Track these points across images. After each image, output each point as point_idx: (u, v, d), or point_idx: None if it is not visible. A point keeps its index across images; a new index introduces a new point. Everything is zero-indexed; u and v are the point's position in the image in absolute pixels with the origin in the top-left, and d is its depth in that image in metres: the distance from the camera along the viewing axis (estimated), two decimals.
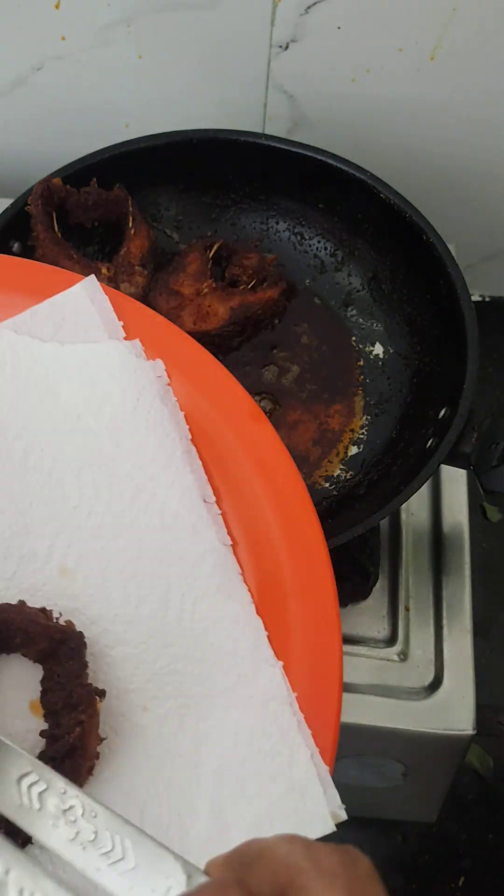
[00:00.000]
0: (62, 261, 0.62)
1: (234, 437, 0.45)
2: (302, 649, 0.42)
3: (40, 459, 0.44)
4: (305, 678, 0.42)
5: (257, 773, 0.40)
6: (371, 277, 0.68)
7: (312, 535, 0.43)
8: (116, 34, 0.71)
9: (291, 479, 0.44)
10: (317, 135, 0.78)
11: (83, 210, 0.64)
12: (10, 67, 0.75)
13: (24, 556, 0.43)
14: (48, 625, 0.40)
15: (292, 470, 0.44)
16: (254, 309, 0.65)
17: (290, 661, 0.42)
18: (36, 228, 0.61)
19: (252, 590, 0.43)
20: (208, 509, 0.43)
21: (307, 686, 0.41)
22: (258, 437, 0.45)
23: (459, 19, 0.68)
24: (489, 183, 0.84)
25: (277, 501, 0.44)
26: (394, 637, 0.63)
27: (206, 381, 0.46)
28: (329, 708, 0.41)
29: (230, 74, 0.74)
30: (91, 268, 0.63)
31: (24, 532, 0.43)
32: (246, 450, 0.45)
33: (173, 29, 0.70)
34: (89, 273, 0.62)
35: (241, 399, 0.45)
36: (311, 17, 0.68)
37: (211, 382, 0.46)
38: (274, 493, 0.44)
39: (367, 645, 0.62)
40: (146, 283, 0.64)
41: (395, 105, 0.76)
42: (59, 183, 0.62)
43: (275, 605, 0.42)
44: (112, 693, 0.41)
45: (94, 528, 0.43)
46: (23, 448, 0.44)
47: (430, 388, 0.63)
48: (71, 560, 0.43)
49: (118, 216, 0.65)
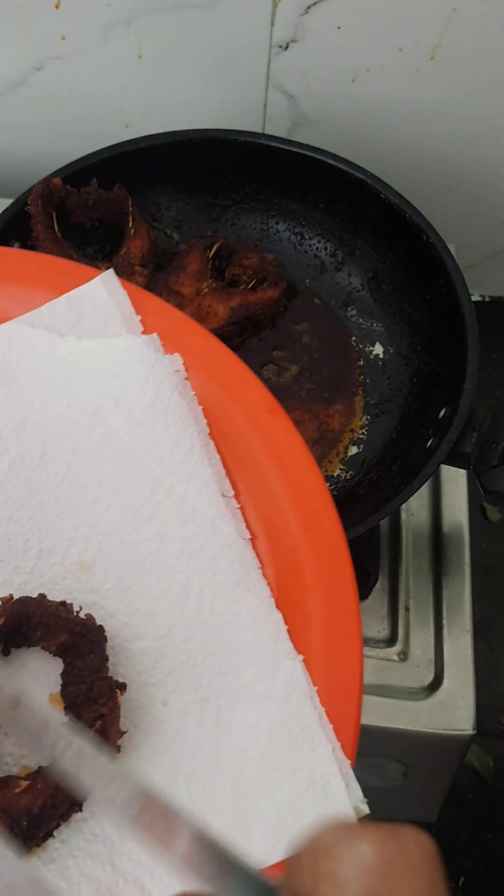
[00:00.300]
0: None
1: (251, 430, 0.45)
2: (322, 643, 0.42)
3: (59, 453, 0.44)
4: (326, 672, 0.41)
5: (278, 767, 0.40)
6: (371, 277, 0.69)
7: (331, 529, 0.43)
8: (116, 34, 0.71)
9: (309, 472, 0.44)
10: (317, 135, 0.78)
11: (83, 210, 0.64)
12: (10, 67, 0.75)
13: (43, 550, 0.43)
14: (68, 618, 0.40)
15: (310, 463, 0.44)
16: (254, 309, 0.65)
17: (311, 655, 0.42)
18: (36, 228, 0.61)
19: (271, 584, 0.43)
20: (227, 503, 0.43)
21: (328, 680, 0.41)
22: (276, 430, 0.45)
23: (459, 19, 0.68)
24: (489, 183, 0.84)
25: (296, 494, 0.44)
26: (394, 637, 0.63)
27: (224, 375, 0.46)
28: (350, 701, 0.41)
29: (230, 74, 0.74)
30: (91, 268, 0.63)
31: (44, 526, 0.43)
32: (264, 443, 0.45)
33: (173, 29, 0.70)
34: None
35: (258, 392, 0.45)
36: (311, 17, 0.68)
37: (228, 376, 0.46)
38: (292, 486, 0.44)
39: (367, 645, 0.62)
40: (146, 282, 0.64)
41: (395, 105, 0.76)
42: (59, 183, 0.62)
43: (294, 598, 0.42)
44: (132, 687, 0.41)
45: (113, 522, 0.43)
46: (41, 442, 0.44)
47: (430, 388, 0.63)
48: (90, 554, 0.43)
49: (118, 216, 0.65)
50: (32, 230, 0.61)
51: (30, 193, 0.61)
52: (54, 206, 0.63)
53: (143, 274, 0.64)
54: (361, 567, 0.63)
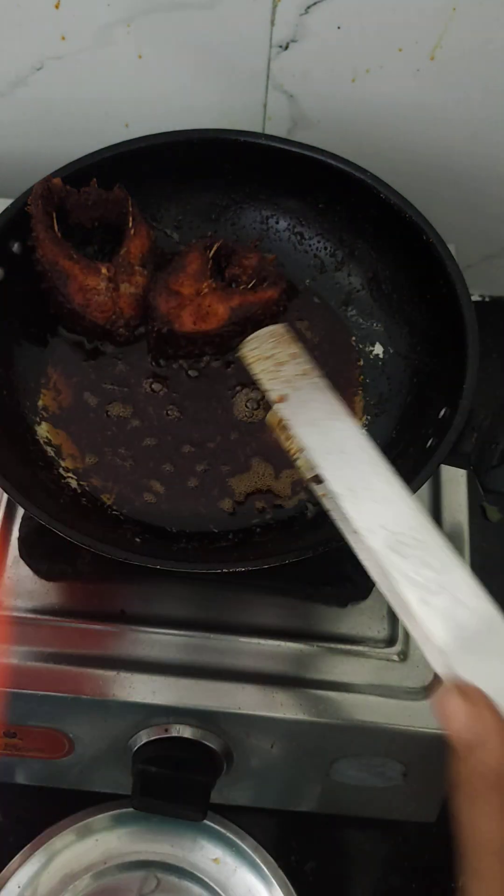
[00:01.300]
0: (62, 261, 0.62)
1: None
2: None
3: None
4: None
5: None
6: (371, 277, 0.68)
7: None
8: (116, 34, 0.71)
9: None
10: (317, 135, 0.78)
11: (83, 210, 0.64)
12: (10, 67, 0.75)
13: None
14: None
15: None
16: (254, 309, 0.65)
17: None
18: (36, 229, 0.61)
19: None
20: None
21: None
22: None
23: (459, 19, 0.68)
24: (489, 183, 0.84)
25: None
26: (394, 637, 0.63)
27: None
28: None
29: (230, 74, 0.74)
30: (91, 268, 0.63)
31: None
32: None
33: (173, 29, 0.70)
34: (89, 273, 0.62)
35: None
36: (311, 17, 0.68)
37: None
38: None
39: (367, 645, 0.62)
40: (146, 282, 0.64)
41: (395, 105, 0.76)
42: (59, 183, 0.62)
43: None
44: None
45: None
46: None
47: (430, 388, 0.63)
48: None
49: (118, 216, 0.65)
50: (32, 230, 0.61)
51: (30, 193, 0.61)
52: (54, 206, 0.63)
53: (142, 274, 0.64)
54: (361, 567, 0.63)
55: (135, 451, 0.63)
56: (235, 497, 0.62)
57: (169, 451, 0.63)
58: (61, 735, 0.63)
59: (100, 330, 0.65)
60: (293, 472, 0.62)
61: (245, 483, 0.62)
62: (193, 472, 0.62)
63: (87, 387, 0.65)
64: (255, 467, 0.63)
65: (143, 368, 0.66)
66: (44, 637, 0.61)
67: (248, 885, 0.67)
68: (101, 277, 0.63)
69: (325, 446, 0.46)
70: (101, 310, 0.63)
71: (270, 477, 0.62)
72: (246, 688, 0.59)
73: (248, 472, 0.63)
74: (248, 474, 0.63)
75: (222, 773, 0.63)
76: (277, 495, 0.62)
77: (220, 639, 0.61)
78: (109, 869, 0.68)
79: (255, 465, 0.63)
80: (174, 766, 0.60)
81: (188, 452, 0.63)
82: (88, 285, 0.63)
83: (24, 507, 0.54)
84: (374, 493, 0.43)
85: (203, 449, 0.63)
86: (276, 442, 0.63)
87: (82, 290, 0.63)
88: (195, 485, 0.62)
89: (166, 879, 0.68)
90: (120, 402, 0.64)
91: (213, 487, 0.62)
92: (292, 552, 0.53)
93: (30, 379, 0.65)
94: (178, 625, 0.62)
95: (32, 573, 0.63)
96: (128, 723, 0.61)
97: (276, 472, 0.63)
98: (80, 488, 0.61)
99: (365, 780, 0.67)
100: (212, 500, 0.61)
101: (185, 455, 0.63)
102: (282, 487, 0.62)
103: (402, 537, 0.40)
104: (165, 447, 0.63)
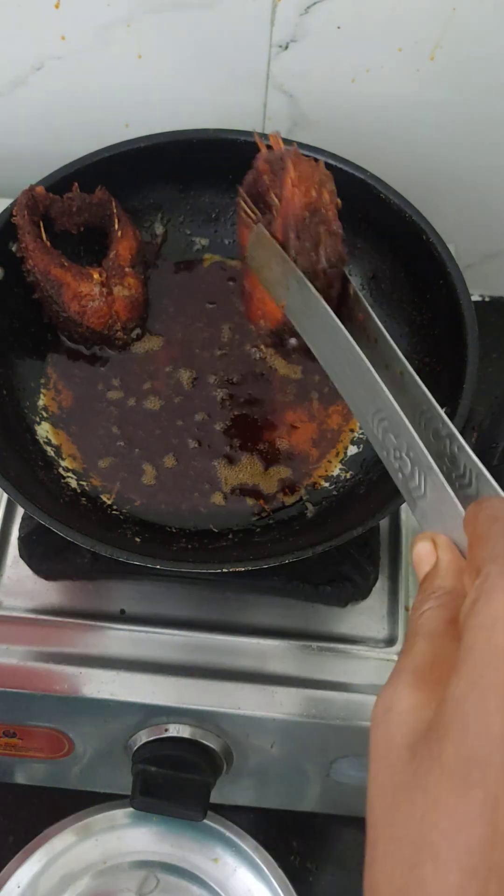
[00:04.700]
0: (54, 269, 0.61)
1: None
2: None
3: None
4: None
5: None
6: (371, 277, 0.68)
7: None
8: (116, 34, 0.71)
9: None
10: (317, 135, 0.78)
11: (67, 217, 0.63)
12: (10, 67, 0.75)
13: None
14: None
15: None
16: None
17: None
18: (24, 239, 0.61)
19: None
20: None
21: None
22: None
23: (459, 19, 0.68)
24: (489, 183, 0.84)
25: None
26: (394, 637, 0.63)
27: None
28: None
29: (230, 74, 0.74)
30: (83, 274, 0.62)
31: None
32: None
33: (173, 29, 0.70)
34: (82, 280, 0.62)
35: None
36: (311, 17, 0.68)
37: None
38: None
39: (367, 645, 0.62)
40: (138, 283, 0.64)
41: (395, 105, 0.76)
42: (43, 191, 0.62)
43: None
44: None
45: None
46: None
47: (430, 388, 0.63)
48: None
49: (102, 219, 0.65)
50: (21, 241, 0.61)
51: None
52: (40, 215, 0.62)
53: (134, 275, 0.64)
54: (361, 567, 0.63)
55: (134, 450, 0.63)
56: (223, 489, 0.62)
57: (169, 451, 0.63)
58: (61, 735, 0.63)
59: (98, 336, 0.65)
60: (280, 469, 0.62)
61: (234, 476, 0.62)
62: (194, 471, 0.62)
63: (86, 387, 0.65)
64: (244, 461, 0.63)
65: (142, 370, 0.66)
66: (44, 637, 0.61)
67: (248, 885, 0.67)
68: (94, 283, 0.62)
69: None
70: (97, 315, 0.63)
71: (260, 474, 0.63)
72: (245, 688, 0.59)
73: (238, 465, 0.63)
74: (238, 466, 0.63)
75: (222, 773, 0.63)
76: (267, 494, 0.62)
77: (220, 639, 0.61)
78: (109, 869, 0.68)
79: (245, 459, 0.63)
80: (174, 765, 0.60)
81: (188, 451, 0.63)
82: (82, 292, 0.62)
83: (24, 507, 0.54)
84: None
85: (203, 448, 0.63)
86: (273, 442, 0.63)
87: (77, 297, 0.62)
88: (195, 484, 0.62)
89: (166, 879, 0.68)
90: (120, 402, 0.64)
91: (211, 485, 0.62)
92: (292, 552, 0.53)
93: (30, 379, 0.65)
94: (177, 624, 0.62)
95: (32, 573, 0.63)
96: (128, 723, 0.61)
97: (265, 468, 0.63)
98: (80, 488, 0.61)
99: (365, 780, 0.68)
100: (204, 495, 0.62)
101: (185, 454, 0.63)
102: (268, 485, 0.62)
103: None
104: (166, 447, 0.63)
